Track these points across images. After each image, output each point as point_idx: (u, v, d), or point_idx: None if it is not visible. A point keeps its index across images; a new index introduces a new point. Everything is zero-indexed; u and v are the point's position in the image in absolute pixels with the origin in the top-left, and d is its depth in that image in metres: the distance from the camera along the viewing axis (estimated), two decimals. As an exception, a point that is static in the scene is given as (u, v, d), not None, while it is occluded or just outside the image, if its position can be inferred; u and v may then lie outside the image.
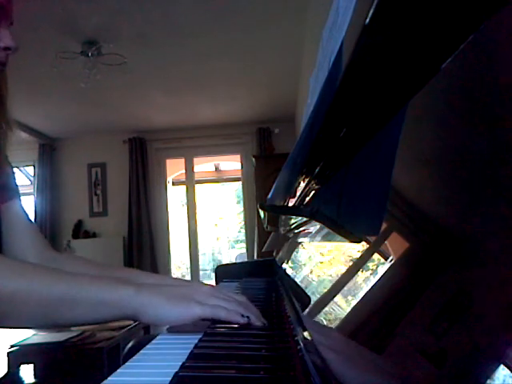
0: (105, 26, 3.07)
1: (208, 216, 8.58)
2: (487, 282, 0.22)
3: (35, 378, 2.46)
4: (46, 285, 0.56)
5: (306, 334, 0.49)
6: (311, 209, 0.56)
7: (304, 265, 0.94)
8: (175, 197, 6.49)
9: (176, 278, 0.82)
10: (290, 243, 1.23)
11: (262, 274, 1.38)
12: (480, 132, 0.25)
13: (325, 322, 0.51)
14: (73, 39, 3.20)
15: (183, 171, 5.74)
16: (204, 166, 6.50)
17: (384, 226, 0.37)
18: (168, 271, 5.61)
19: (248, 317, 0.56)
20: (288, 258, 1.22)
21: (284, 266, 1.21)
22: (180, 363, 0.44)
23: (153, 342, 0.58)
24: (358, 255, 0.47)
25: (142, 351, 0.53)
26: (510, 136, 0.21)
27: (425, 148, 0.34)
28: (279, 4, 2.88)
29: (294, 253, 1.14)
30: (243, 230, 5.96)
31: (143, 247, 5.34)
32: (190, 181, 5.70)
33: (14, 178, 0.92)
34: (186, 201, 5.72)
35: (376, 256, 0.41)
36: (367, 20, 0.32)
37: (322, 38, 0.89)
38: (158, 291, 0.58)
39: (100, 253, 5.18)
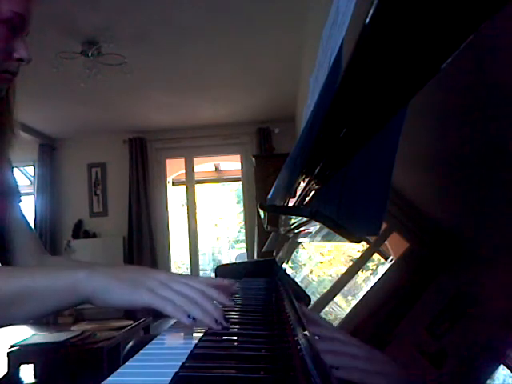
0: (105, 26, 3.07)
1: (208, 216, 8.57)
2: (487, 282, 0.22)
3: (35, 378, 2.46)
4: None
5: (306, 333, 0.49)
6: (311, 209, 0.55)
7: (304, 265, 0.94)
8: (175, 197, 6.49)
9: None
10: (290, 243, 1.23)
11: (262, 274, 1.38)
12: (480, 132, 0.25)
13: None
14: (73, 39, 3.20)
15: (183, 171, 5.75)
16: (204, 165, 6.50)
17: (384, 225, 0.37)
18: (168, 271, 5.60)
19: (194, 318, 0.55)
20: (288, 258, 1.22)
21: (284, 266, 1.21)
22: (180, 363, 0.44)
23: (153, 341, 0.58)
24: (358, 255, 0.47)
25: (142, 351, 0.53)
26: (510, 136, 0.21)
27: (425, 148, 0.34)
28: (279, 4, 2.88)
29: (294, 253, 1.14)
30: (243, 230, 5.96)
31: (143, 247, 5.34)
32: (189, 181, 5.70)
33: (16, 181, 0.91)
34: (186, 201, 5.72)
35: (376, 256, 0.41)
36: (367, 20, 0.32)
37: (322, 38, 0.89)
38: (110, 275, 0.58)
39: (100, 253, 5.18)
